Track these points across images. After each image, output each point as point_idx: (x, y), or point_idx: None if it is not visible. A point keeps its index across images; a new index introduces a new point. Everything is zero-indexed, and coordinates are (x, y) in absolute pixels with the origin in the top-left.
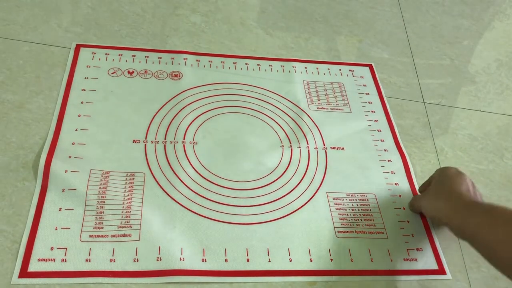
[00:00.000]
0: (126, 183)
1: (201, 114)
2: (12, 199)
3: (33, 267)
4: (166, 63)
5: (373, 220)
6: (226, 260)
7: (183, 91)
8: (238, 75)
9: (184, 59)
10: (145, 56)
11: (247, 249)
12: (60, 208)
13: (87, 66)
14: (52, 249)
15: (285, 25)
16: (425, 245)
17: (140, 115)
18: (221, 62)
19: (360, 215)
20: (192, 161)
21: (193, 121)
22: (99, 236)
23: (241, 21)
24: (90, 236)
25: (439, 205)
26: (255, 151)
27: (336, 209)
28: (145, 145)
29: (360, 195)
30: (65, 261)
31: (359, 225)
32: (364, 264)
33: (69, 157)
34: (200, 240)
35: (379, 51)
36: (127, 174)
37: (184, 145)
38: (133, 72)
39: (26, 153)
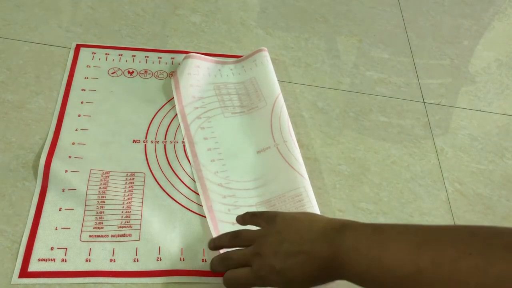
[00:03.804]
0: (126, 183)
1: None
2: (12, 199)
3: (33, 267)
4: (166, 63)
5: None
6: None
7: None
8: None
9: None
10: (145, 56)
11: None
12: (60, 208)
13: (87, 66)
14: (52, 249)
15: (285, 25)
16: None
17: (140, 115)
18: None
19: None
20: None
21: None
22: (99, 236)
23: (241, 21)
24: (90, 236)
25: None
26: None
27: None
28: (145, 145)
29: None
30: (65, 261)
31: None
32: None
33: (69, 157)
34: (200, 240)
35: (379, 51)
36: (127, 174)
37: (184, 145)
38: (133, 72)
39: (26, 153)
